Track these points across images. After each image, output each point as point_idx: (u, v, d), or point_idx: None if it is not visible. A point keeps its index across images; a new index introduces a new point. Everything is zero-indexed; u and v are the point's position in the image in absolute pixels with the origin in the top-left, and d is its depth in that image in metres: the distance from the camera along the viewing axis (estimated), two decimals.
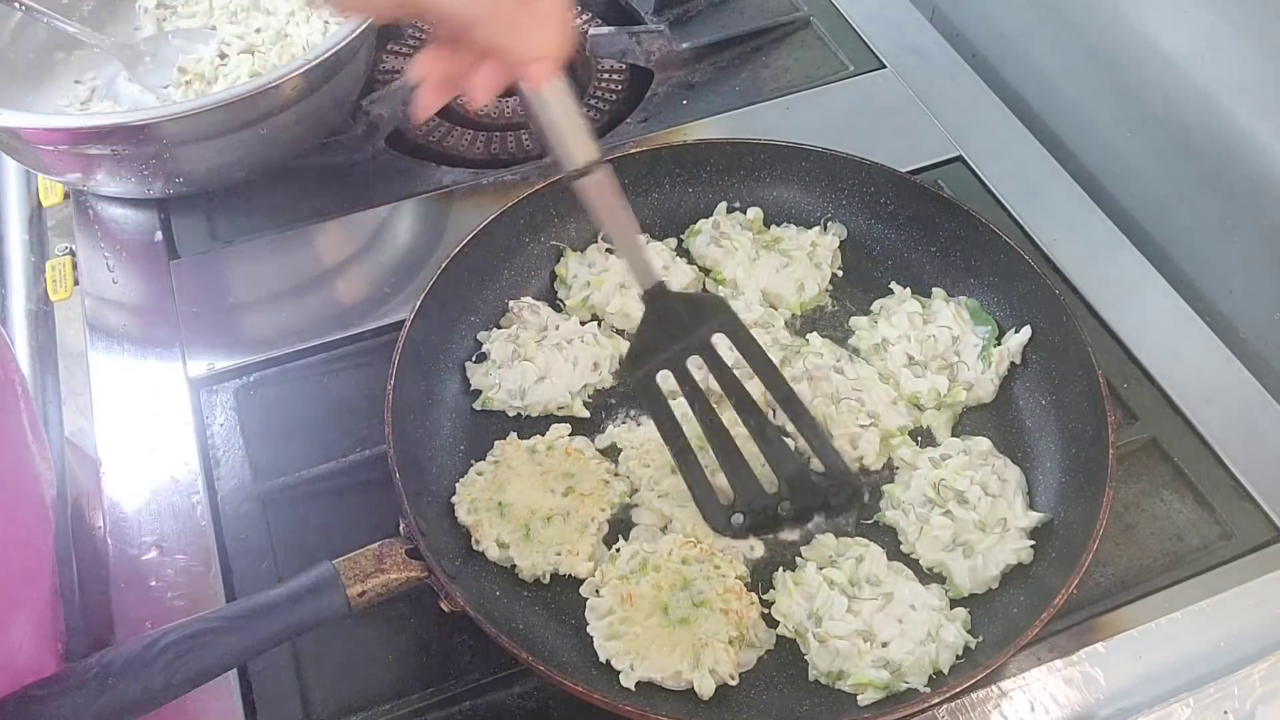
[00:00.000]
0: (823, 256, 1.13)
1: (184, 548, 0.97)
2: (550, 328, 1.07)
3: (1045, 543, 0.94)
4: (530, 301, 1.10)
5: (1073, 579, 0.86)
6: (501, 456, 1.00)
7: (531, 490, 0.97)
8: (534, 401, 1.04)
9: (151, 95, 1.27)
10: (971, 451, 0.99)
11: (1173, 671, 0.90)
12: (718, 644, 0.88)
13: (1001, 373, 1.05)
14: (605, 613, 0.90)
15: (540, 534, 0.94)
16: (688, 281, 1.12)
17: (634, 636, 0.88)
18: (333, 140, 1.26)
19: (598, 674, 0.87)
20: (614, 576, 0.92)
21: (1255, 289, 1.13)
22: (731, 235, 1.14)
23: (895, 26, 1.42)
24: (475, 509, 0.96)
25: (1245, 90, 1.09)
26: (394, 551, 0.86)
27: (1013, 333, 1.06)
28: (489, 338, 1.08)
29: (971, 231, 1.10)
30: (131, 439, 1.05)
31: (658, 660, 0.87)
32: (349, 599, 0.82)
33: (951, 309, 1.08)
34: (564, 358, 1.05)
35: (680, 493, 0.97)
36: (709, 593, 0.90)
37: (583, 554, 0.94)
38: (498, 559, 0.94)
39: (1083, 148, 1.31)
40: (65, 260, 1.21)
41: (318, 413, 1.07)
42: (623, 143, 1.28)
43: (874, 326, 1.08)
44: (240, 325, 1.14)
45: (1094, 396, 0.97)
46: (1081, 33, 1.26)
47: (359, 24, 1.13)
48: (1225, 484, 1.00)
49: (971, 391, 1.04)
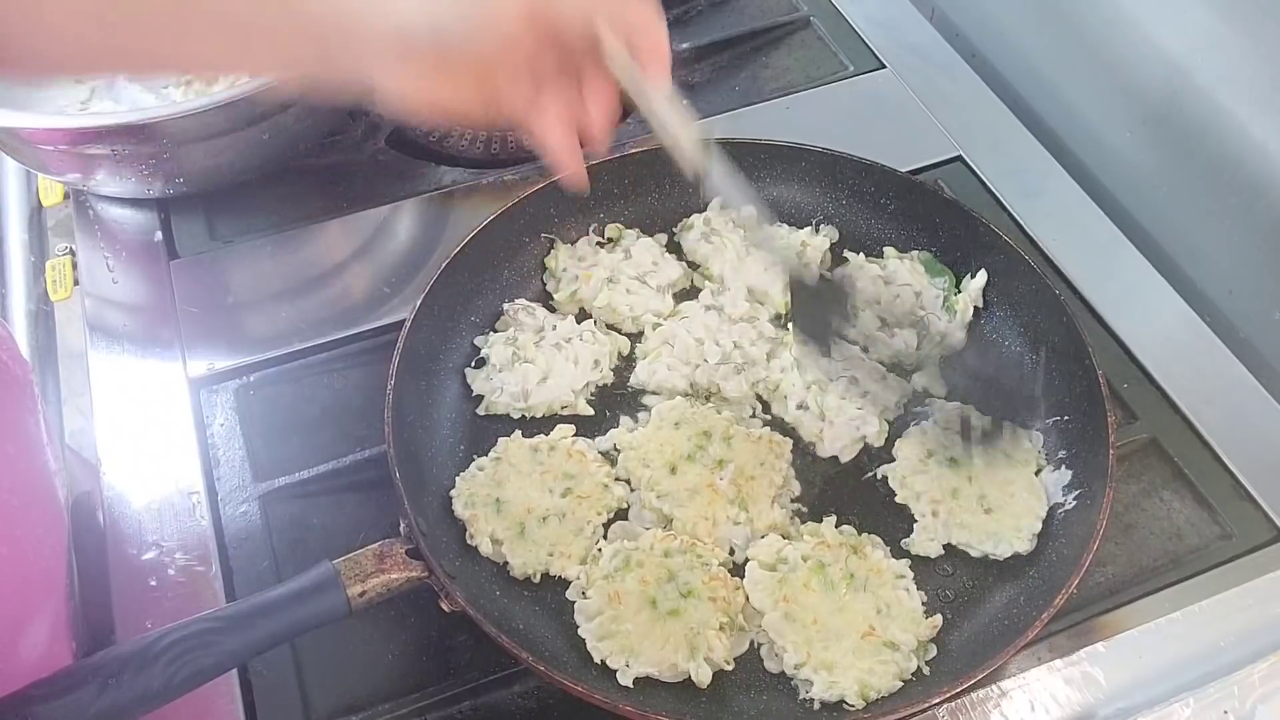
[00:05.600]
0: (811, 257, 1.13)
1: (184, 548, 0.97)
2: (547, 328, 1.07)
3: (1045, 542, 0.94)
4: (525, 303, 1.10)
5: (1073, 579, 0.86)
6: (504, 453, 1.00)
7: (530, 489, 0.97)
8: (538, 402, 1.04)
9: (151, 95, 1.27)
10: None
11: (1173, 671, 0.90)
12: (709, 631, 0.88)
13: (967, 319, 1.07)
14: (595, 613, 0.90)
15: (535, 533, 0.94)
16: (676, 276, 1.13)
17: (626, 634, 0.88)
18: (333, 140, 1.26)
19: (596, 674, 0.87)
20: (599, 577, 0.91)
21: (1255, 289, 1.13)
22: (722, 233, 1.14)
23: (895, 26, 1.42)
24: (473, 503, 0.96)
25: (1245, 90, 1.09)
26: (394, 551, 0.86)
27: (969, 278, 1.09)
28: (486, 342, 1.07)
29: (972, 232, 1.10)
30: (131, 439, 1.05)
31: (652, 654, 0.87)
32: (349, 599, 0.82)
33: (907, 265, 1.10)
34: (564, 357, 1.05)
35: (680, 492, 0.97)
36: (695, 582, 0.90)
37: (574, 557, 0.94)
38: (490, 554, 0.94)
39: (1083, 148, 1.31)
40: (65, 260, 1.21)
41: (318, 413, 1.07)
42: (623, 143, 1.27)
43: None
44: (240, 325, 1.14)
45: (1094, 396, 0.96)
46: (1081, 33, 1.26)
47: None
48: (1225, 484, 1.00)
49: (944, 341, 1.06)
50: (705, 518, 0.96)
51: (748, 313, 1.09)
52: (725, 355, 1.06)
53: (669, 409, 1.02)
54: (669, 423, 1.01)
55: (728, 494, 0.97)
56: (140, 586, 0.94)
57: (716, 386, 1.05)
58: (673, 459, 0.99)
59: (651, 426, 1.02)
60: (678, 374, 1.06)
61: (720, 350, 1.06)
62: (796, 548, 0.93)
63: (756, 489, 0.97)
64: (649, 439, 1.01)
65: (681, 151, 0.84)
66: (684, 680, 0.88)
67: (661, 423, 1.02)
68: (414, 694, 0.89)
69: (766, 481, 0.98)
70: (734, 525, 0.96)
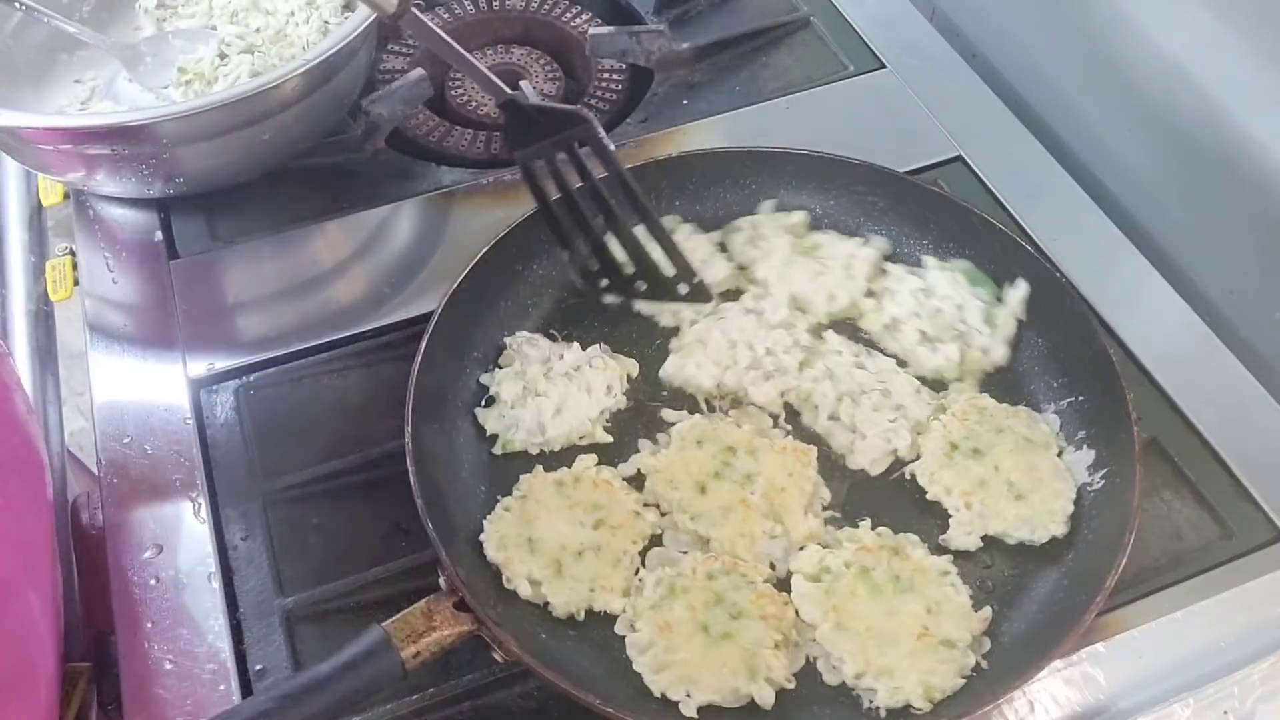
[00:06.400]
0: (859, 269, 1.12)
1: (184, 548, 0.97)
2: (554, 358, 1.05)
3: (1079, 524, 0.95)
4: (527, 335, 1.07)
5: (1120, 558, 0.87)
6: (528, 491, 0.96)
7: (561, 524, 0.94)
8: (556, 435, 1.01)
9: (151, 95, 1.27)
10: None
11: (1173, 671, 0.90)
12: (765, 651, 0.86)
13: (1009, 333, 1.06)
14: (647, 646, 0.88)
15: (572, 569, 0.92)
16: (723, 276, 1.12)
17: (682, 663, 0.86)
18: (333, 140, 1.26)
19: (657, 707, 0.86)
20: (645, 608, 0.89)
21: (1255, 289, 1.13)
22: (769, 237, 1.13)
23: (895, 26, 1.42)
24: (504, 545, 0.93)
25: (1245, 90, 1.09)
26: (442, 607, 0.84)
27: (1008, 287, 1.08)
28: (493, 380, 1.05)
29: (962, 221, 1.11)
30: (131, 439, 1.04)
31: (712, 681, 0.85)
32: (403, 661, 0.81)
33: (948, 276, 1.09)
34: (576, 386, 1.03)
35: (713, 511, 0.95)
36: (743, 602, 0.89)
37: (616, 589, 0.91)
38: (530, 596, 0.91)
39: (1083, 148, 1.30)
40: (65, 260, 1.21)
41: (318, 413, 1.07)
42: (623, 143, 1.28)
43: (880, 308, 1.09)
44: (240, 325, 1.14)
45: (1107, 373, 0.98)
46: (1081, 33, 1.26)
47: (359, 24, 1.13)
48: (1225, 484, 1.00)
49: (987, 355, 1.05)
50: (743, 535, 0.94)
51: (786, 319, 1.08)
52: (756, 360, 1.04)
53: (689, 428, 1.01)
54: (691, 442, 0.99)
55: (761, 508, 0.95)
56: (140, 586, 0.94)
57: (744, 391, 1.04)
58: (700, 478, 0.97)
59: (674, 448, 0.99)
60: (705, 373, 1.04)
61: (752, 354, 1.05)
62: (838, 555, 0.92)
63: (788, 500, 0.96)
64: (673, 460, 0.98)
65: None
66: (747, 703, 0.86)
67: (684, 442, 0.99)
68: (414, 694, 0.89)
69: (797, 491, 0.96)
70: (771, 539, 0.95)
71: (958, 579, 0.92)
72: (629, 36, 1.37)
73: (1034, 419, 1.01)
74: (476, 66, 1.04)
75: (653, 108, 1.34)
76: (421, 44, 0.99)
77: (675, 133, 1.29)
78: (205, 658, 0.91)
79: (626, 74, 1.40)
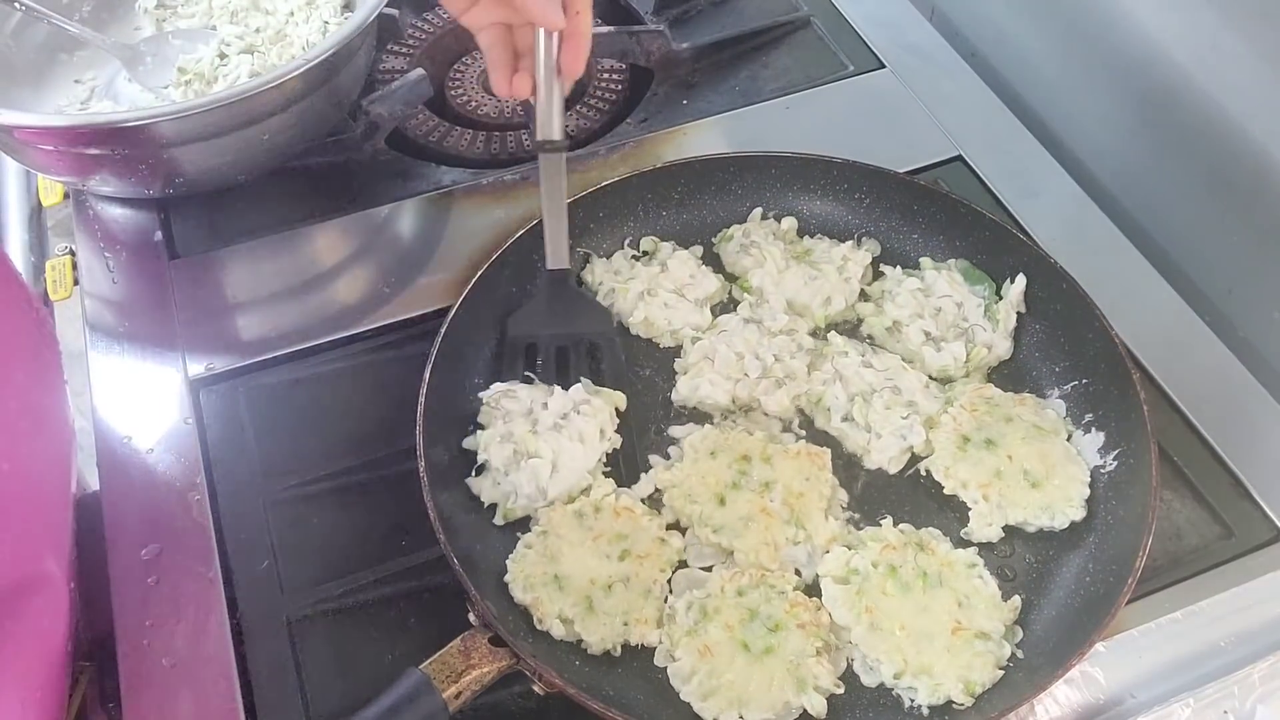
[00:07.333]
0: (853, 272, 1.12)
1: (184, 548, 0.97)
2: (536, 409, 1.00)
3: (1096, 507, 0.96)
4: (504, 388, 1.02)
5: (1145, 539, 0.88)
6: (548, 525, 0.94)
7: (587, 558, 0.92)
8: (558, 494, 0.96)
9: (151, 95, 1.27)
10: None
11: (1173, 671, 0.90)
12: (809, 660, 0.86)
13: (1010, 326, 1.07)
14: (690, 674, 0.87)
15: (603, 604, 0.89)
16: (713, 290, 1.11)
17: (729, 685, 0.85)
18: (333, 140, 1.26)
19: None
20: (681, 635, 0.88)
21: (1255, 289, 1.13)
22: (762, 244, 1.13)
23: (895, 26, 1.42)
24: (531, 585, 0.90)
25: (1245, 90, 1.09)
26: (478, 644, 0.83)
27: (1008, 283, 1.08)
28: (476, 443, 0.99)
29: (951, 214, 1.12)
30: (131, 439, 1.04)
31: (762, 699, 0.85)
32: (445, 702, 0.80)
33: (945, 276, 1.10)
34: (567, 437, 0.98)
35: (734, 522, 0.94)
36: (778, 614, 0.89)
37: (650, 621, 0.89)
38: (564, 635, 0.89)
39: (1083, 148, 1.31)
40: (65, 260, 1.21)
41: (318, 413, 1.07)
42: (622, 143, 1.28)
43: (881, 311, 1.09)
44: (240, 325, 1.14)
45: (1111, 355, 1.00)
46: (1081, 33, 1.26)
47: (359, 24, 1.13)
48: (1225, 484, 1.00)
49: (992, 350, 1.06)
50: (766, 543, 0.93)
51: (787, 325, 1.08)
52: (766, 369, 1.04)
53: (700, 439, 1.00)
54: (704, 453, 0.99)
55: (781, 515, 0.95)
56: (140, 586, 0.94)
57: (758, 401, 1.03)
58: (718, 489, 0.96)
59: (688, 461, 0.99)
60: (720, 389, 1.03)
61: (761, 364, 1.04)
62: (863, 555, 0.92)
63: (808, 504, 0.95)
64: (689, 473, 0.98)
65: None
66: (798, 714, 0.86)
67: (697, 454, 0.99)
68: None
69: (816, 495, 0.96)
70: (794, 545, 0.94)
71: (985, 570, 0.92)
72: (629, 37, 1.37)
73: (1040, 405, 1.01)
74: (563, 232, 1.03)
75: (652, 108, 1.34)
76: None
77: (675, 133, 1.29)
78: (205, 658, 0.90)
79: (626, 74, 1.40)
